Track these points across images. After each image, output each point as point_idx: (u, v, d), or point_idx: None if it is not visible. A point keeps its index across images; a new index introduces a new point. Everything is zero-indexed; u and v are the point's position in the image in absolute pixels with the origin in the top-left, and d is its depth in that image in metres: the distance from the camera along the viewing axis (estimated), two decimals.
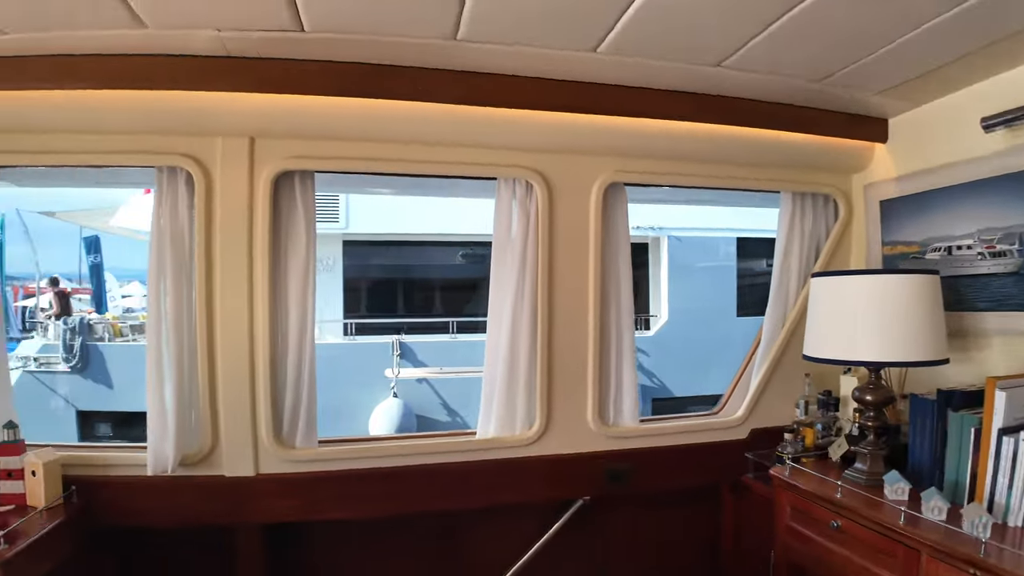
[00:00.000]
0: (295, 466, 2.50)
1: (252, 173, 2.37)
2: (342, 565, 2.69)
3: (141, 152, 2.34)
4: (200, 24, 1.88)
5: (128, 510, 2.40)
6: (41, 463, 2.23)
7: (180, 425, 2.39)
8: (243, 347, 2.42)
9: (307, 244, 2.49)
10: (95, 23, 1.80)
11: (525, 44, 2.04)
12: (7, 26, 1.83)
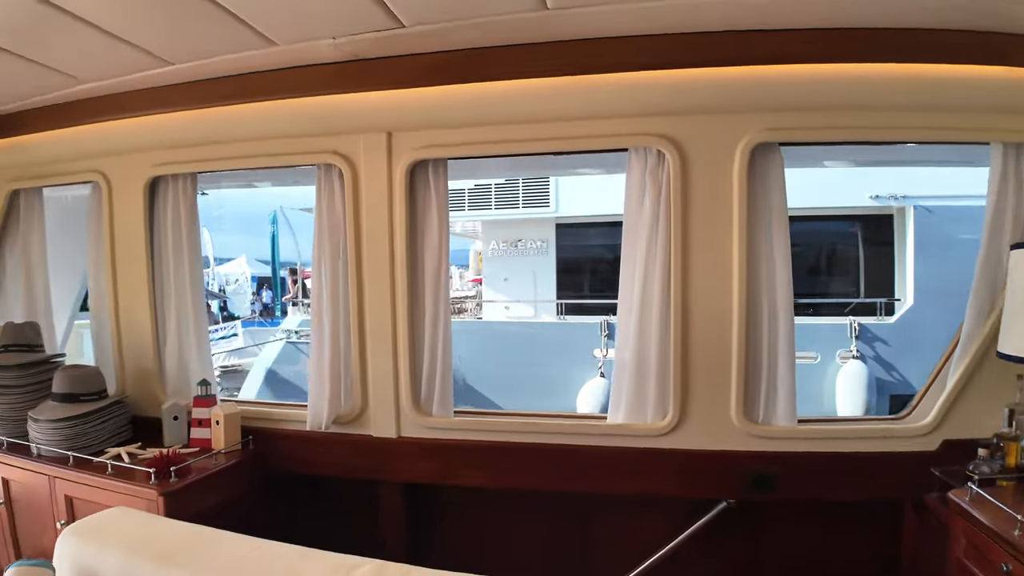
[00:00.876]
0: (432, 432, 2.75)
1: (390, 164, 2.64)
2: (472, 530, 2.86)
3: (303, 153, 2.75)
4: (318, 36, 2.12)
5: (293, 459, 2.86)
6: (223, 414, 2.74)
7: (334, 388, 2.78)
8: (387, 321, 2.72)
9: (439, 226, 2.71)
10: (233, 47, 2.16)
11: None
12: (176, 58, 2.28)
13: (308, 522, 2.86)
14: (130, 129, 2.82)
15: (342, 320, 2.80)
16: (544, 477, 2.66)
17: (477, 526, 2.87)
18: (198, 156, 2.88)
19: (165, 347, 3.11)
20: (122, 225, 3.08)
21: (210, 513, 2.20)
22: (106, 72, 2.49)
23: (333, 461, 2.82)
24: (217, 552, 1.78)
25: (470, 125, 2.58)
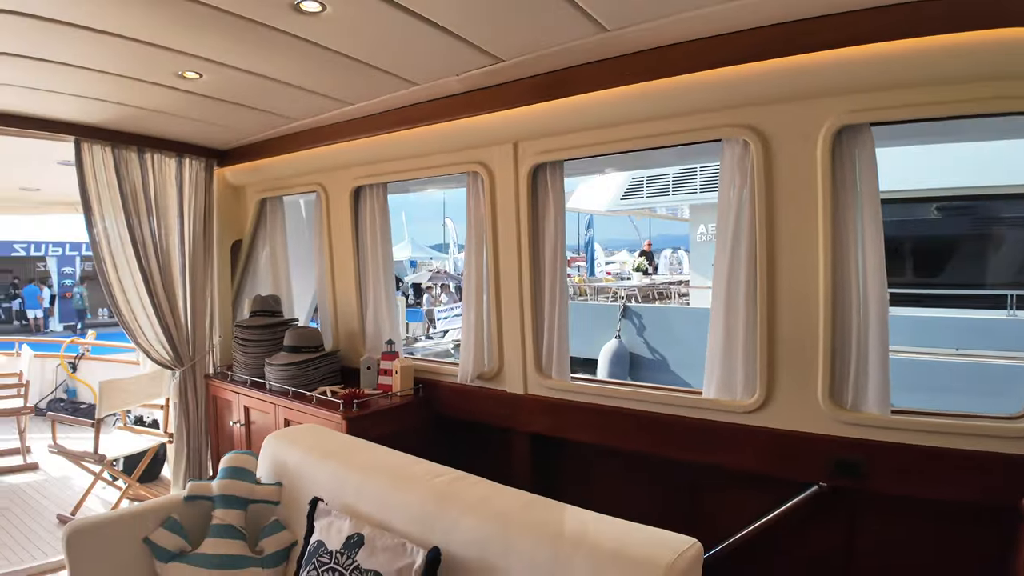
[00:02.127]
0: (551, 392, 3.35)
1: (516, 169, 3.29)
2: (587, 483, 3.41)
3: (457, 164, 3.54)
4: (445, 75, 2.94)
5: (450, 404, 3.73)
6: (400, 366, 3.65)
7: (477, 350, 3.57)
8: (515, 299, 3.38)
9: (556, 218, 3.28)
10: (390, 89, 3.14)
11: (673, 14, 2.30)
12: (352, 97, 3.22)
13: (458, 455, 3.45)
14: (338, 152, 3.91)
15: (485, 297, 3.54)
16: (643, 441, 3.01)
17: (591, 480, 3.40)
18: (385, 170, 3.87)
19: (366, 314, 4.18)
20: (336, 223, 4.21)
21: (385, 438, 2.94)
22: (309, 113, 3.60)
23: (477, 409, 3.61)
24: (365, 454, 2.60)
25: (575, 131, 3.07)
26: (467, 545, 1.99)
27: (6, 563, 3.89)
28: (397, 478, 2.36)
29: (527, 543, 1.90)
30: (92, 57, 2.77)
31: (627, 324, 10.95)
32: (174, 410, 4.54)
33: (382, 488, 2.32)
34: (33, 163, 4.79)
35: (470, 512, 2.07)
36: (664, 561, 1.71)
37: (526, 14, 2.32)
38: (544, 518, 2.00)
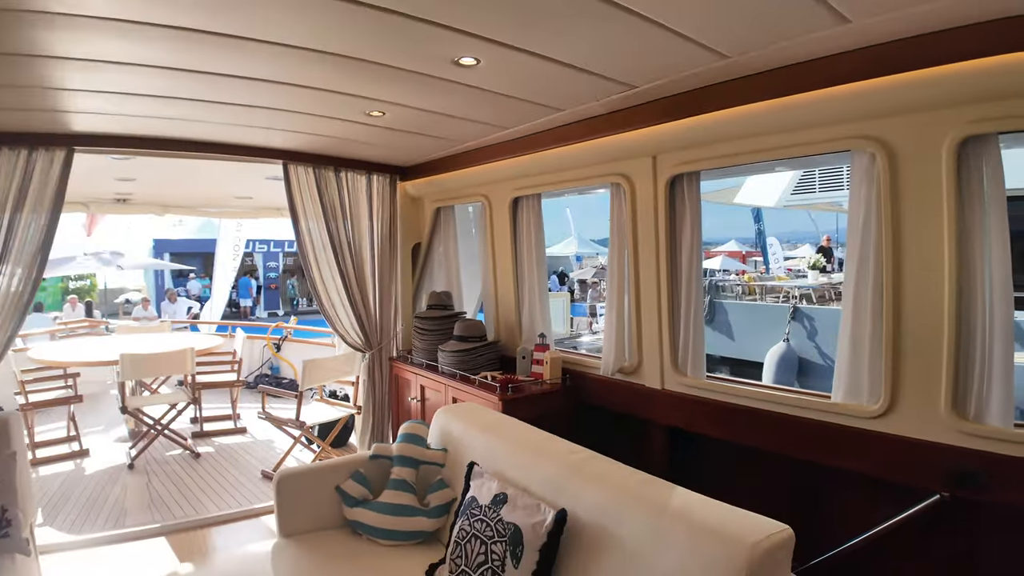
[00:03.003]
0: (686, 388, 3.64)
1: (655, 180, 3.62)
2: (711, 472, 3.61)
3: (604, 175, 3.92)
4: (586, 101, 3.34)
5: (593, 394, 4.15)
6: (549, 357, 4.10)
7: (619, 346, 3.95)
8: (654, 300, 3.72)
9: (692, 225, 3.55)
10: (538, 115, 3.59)
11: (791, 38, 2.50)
12: (508, 123, 3.72)
13: (598, 440, 3.64)
14: (499, 167, 4.49)
15: (626, 298, 3.91)
16: (769, 440, 3.18)
17: (718, 473, 3.57)
18: (539, 182, 4.40)
19: (523, 309, 4.73)
20: (498, 229, 4.81)
21: (534, 419, 3.34)
22: (474, 136, 4.24)
23: (617, 400, 3.99)
24: (513, 430, 3.11)
25: (709, 143, 3.31)
26: (589, 510, 2.37)
27: (219, 508, 4.86)
28: (538, 451, 2.81)
29: (638, 513, 2.23)
30: (299, 103, 3.55)
31: (797, 327, 10.50)
32: (362, 386, 5.42)
33: (525, 458, 2.79)
34: (247, 178, 5.85)
35: (594, 483, 2.46)
36: (752, 539, 1.91)
37: (655, 52, 2.65)
38: (655, 494, 2.31)
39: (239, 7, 2.26)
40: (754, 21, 2.33)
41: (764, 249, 18.42)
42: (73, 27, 2.40)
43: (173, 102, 3.49)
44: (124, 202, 7.20)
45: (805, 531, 2.04)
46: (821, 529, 2.77)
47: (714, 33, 2.44)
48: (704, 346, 3.65)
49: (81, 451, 6.14)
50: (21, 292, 4.07)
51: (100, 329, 10.53)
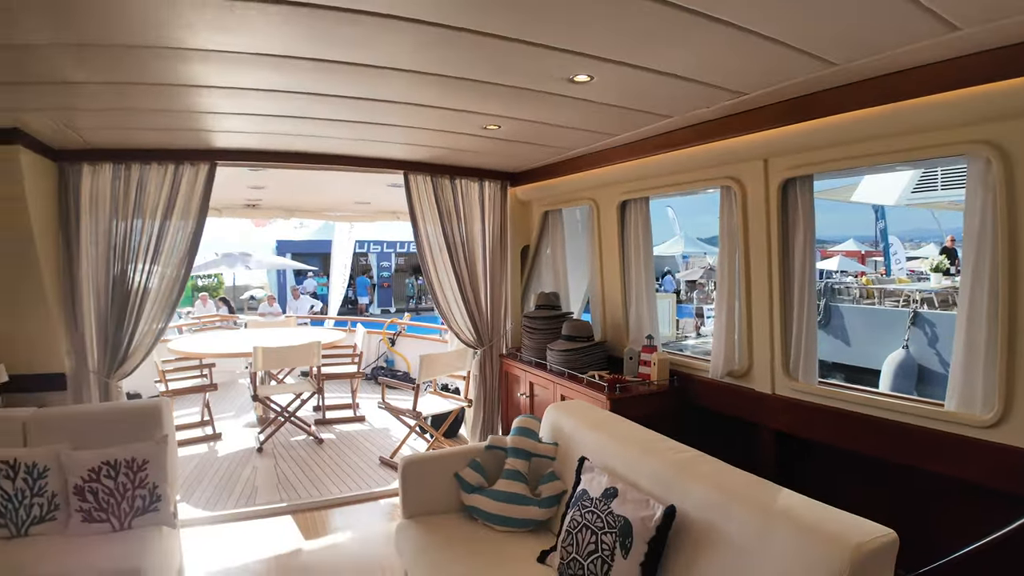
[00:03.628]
0: (796, 394, 3.65)
1: (767, 183, 3.65)
2: (819, 475, 3.60)
3: (711, 180, 4.01)
4: (696, 107, 3.41)
5: (701, 396, 4.21)
6: (657, 359, 4.20)
7: (728, 350, 3.99)
8: (765, 304, 3.75)
9: (805, 228, 3.56)
10: (640, 125, 3.70)
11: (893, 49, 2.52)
12: (617, 131, 3.80)
13: (704, 441, 3.65)
14: (607, 172, 4.61)
15: (736, 301, 3.94)
16: (878, 447, 3.16)
17: (826, 477, 3.56)
18: (647, 185, 4.51)
19: (630, 311, 4.83)
20: (605, 232, 4.95)
21: (640, 419, 3.45)
22: (582, 144, 4.37)
23: (725, 403, 4.04)
24: (622, 428, 3.25)
25: (821, 147, 3.31)
26: (696, 507, 2.48)
27: (341, 490, 5.22)
28: (647, 449, 2.93)
29: (744, 512, 2.32)
30: (421, 120, 3.83)
31: (917, 333, 9.98)
32: (474, 381, 5.70)
33: (634, 455, 2.92)
34: (368, 185, 6.25)
35: (701, 482, 2.55)
36: (854, 541, 1.96)
37: (762, 62, 2.71)
38: (762, 494, 2.39)
39: (375, 44, 2.55)
40: (860, 32, 2.37)
41: (886, 249, 17.40)
42: (225, 61, 2.74)
43: (307, 122, 3.86)
44: (253, 207, 7.81)
45: (910, 537, 2.05)
46: (926, 536, 2.72)
47: (820, 43, 2.48)
48: (817, 351, 3.64)
49: (214, 435, 6.75)
50: (171, 290, 4.61)
51: (230, 324, 11.41)
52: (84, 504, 3.25)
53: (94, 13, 2.17)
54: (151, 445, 3.47)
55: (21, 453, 3.33)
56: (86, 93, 3.13)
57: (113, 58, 2.64)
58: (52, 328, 4.30)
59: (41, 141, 4.04)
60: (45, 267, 4.16)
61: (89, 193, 4.40)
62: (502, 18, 2.28)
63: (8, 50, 2.47)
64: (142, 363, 4.64)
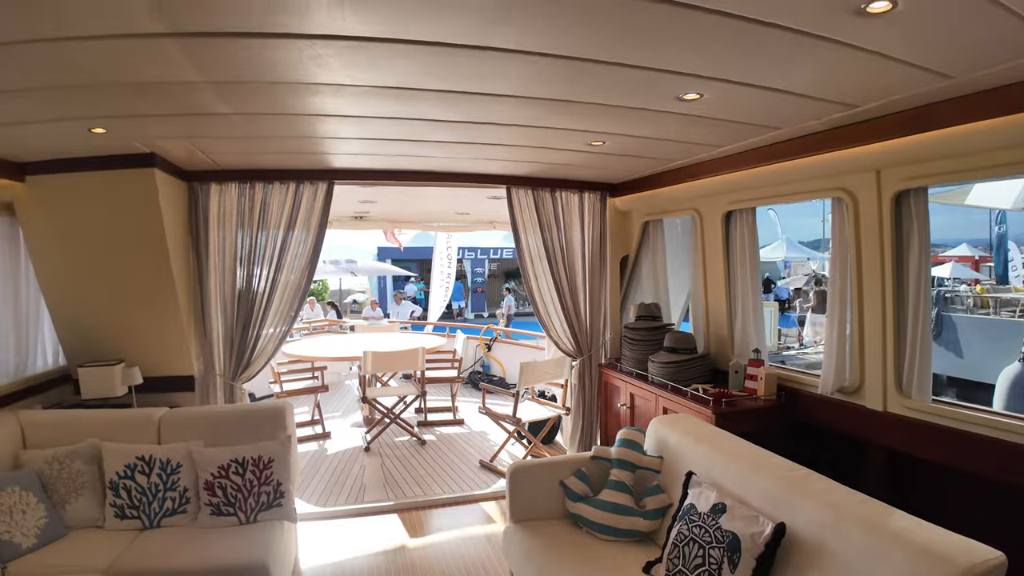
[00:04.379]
0: (909, 412, 3.54)
1: (879, 195, 3.56)
2: (930, 496, 3.45)
3: (820, 191, 3.94)
4: (807, 119, 3.36)
5: (809, 412, 4.13)
6: (764, 373, 4.20)
7: (839, 365, 3.91)
8: (878, 319, 3.65)
9: (920, 242, 3.44)
10: (748, 135, 3.70)
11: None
12: (724, 143, 3.78)
13: (811, 458, 3.62)
14: (710, 183, 4.59)
15: (848, 315, 3.85)
16: (993, 468, 3.05)
17: (937, 498, 3.42)
18: (753, 196, 4.45)
19: (735, 323, 4.78)
20: (709, 242, 4.91)
21: (746, 434, 3.46)
22: (685, 156, 4.38)
23: (834, 419, 3.94)
24: (730, 444, 3.25)
25: (937, 159, 3.21)
26: (806, 525, 2.47)
27: (443, 491, 5.41)
28: (756, 465, 2.93)
29: (855, 531, 2.30)
30: (527, 139, 3.99)
31: None
32: (572, 390, 5.76)
33: (742, 471, 2.92)
34: (470, 197, 6.41)
35: (812, 500, 2.54)
36: (964, 563, 1.95)
37: (874, 76, 2.66)
38: (872, 513, 2.36)
39: (493, 75, 2.70)
40: (978, 46, 2.30)
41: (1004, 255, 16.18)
42: (352, 94, 2.97)
43: (420, 144, 4.09)
44: (361, 219, 8.17)
45: (1020, 561, 2.02)
46: None
47: (936, 57, 2.43)
48: (931, 369, 3.51)
49: (324, 434, 7.15)
50: (292, 299, 4.96)
51: (337, 328, 11.94)
52: (213, 498, 3.55)
53: (243, 57, 2.41)
54: (276, 444, 3.73)
55: (156, 450, 3.67)
56: (226, 123, 3.43)
57: (255, 93, 2.91)
58: (183, 335, 4.71)
59: (174, 164, 4.45)
60: (178, 279, 4.55)
61: (217, 210, 4.80)
62: (616, 48, 2.37)
63: (169, 87, 2.76)
64: (264, 367, 4.98)
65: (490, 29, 2.19)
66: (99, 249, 4.35)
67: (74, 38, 2.15)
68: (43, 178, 4.10)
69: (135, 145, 3.87)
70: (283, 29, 2.14)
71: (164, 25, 2.07)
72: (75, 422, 3.82)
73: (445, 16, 2.08)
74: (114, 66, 2.46)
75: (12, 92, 2.69)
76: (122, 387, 4.41)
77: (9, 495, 3.22)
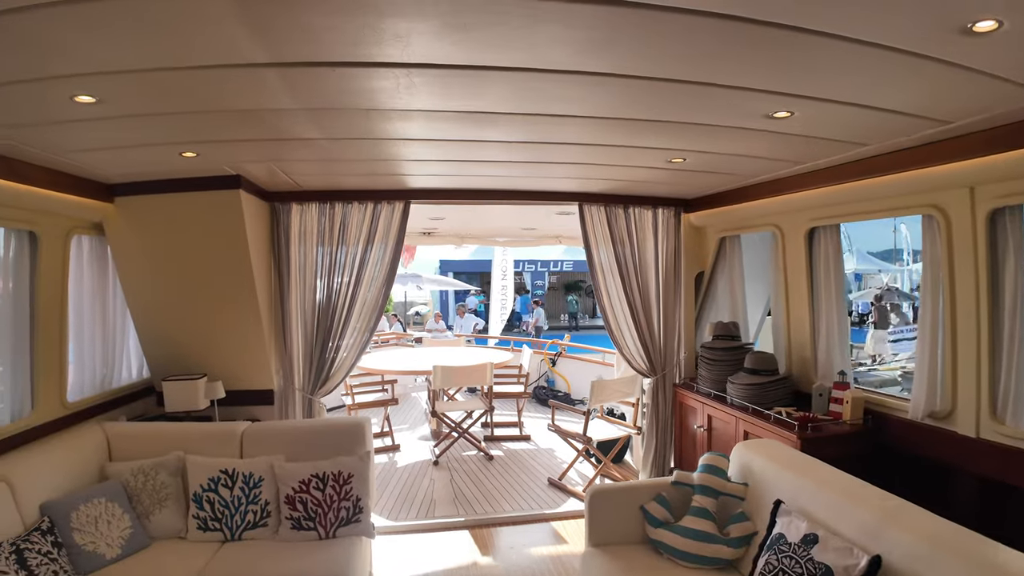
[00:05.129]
0: (1005, 439, 3.37)
1: (973, 212, 3.42)
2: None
3: (909, 207, 3.81)
4: (897, 136, 3.26)
5: (898, 438, 3.96)
6: (851, 396, 4.07)
7: (930, 390, 3.76)
8: (972, 343, 3.49)
9: (1016, 261, 3.29)
10: (831, 152, 3.67)
11: None
12: (808, 159, 3.73)
13: (900, 485, 3.49)
14: (794, 199, 4.49)
15: (940, 337, 3.70)
16: None
17: None
18: (838, 212, 4.31)
19: (818, 343, 4.66)
20: (791, 259, 4.80)
21: (832, 460, 3.38)
22: (766, 171, 4.30)
23: (925, 445, 3.78)
24: (819, 471, 3.16)
25: None
26: (902, 558, 2.39)
27: (512, 508, 5.42)
28: (848, 494, 2.85)
29: (954, 566, 2.22)
30: (605, 158, 3.97)
31: None
32: (645, 409, 5.69)
33: (834, 500, 2.84)
34: (538, 213, 6.45)
35: (908, 532, 2.45)
36: None
37: (970, 93, 2.57)
38: (972, 547, 2.28)
39: (580, 98, 2.72)
40: None
41: None
42: (440, 119, 3.05)
43: (495, 164, 4.16)
44: (429, 235, 8.31)
45: None
46: None
47: None
48: None
49: (394, 446, 7.27)
50: (370, 315, 5.10)
51: (405, 341, 12.12)
52: (294, 513, 3.64)
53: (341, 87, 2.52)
54: (355, 460, 3.80)
55: (239, 463, 3.79)
56: (313, 147, 3.56)
57: (346, 119, 3.02)
58: (264, 350, 4.88)
59: (257, 185, 4.63)
60: (260, 296, 4.72)
61: (298, 229, 4.99)
62: (710, 68, 2.36)
63: (263, 114, 2.89)
64: (342, 382, 5.10)
65: (589, 53, 2.22)
66: (184, 267, 4.55)
67: (185, 68, 2.26)
68: (131, 199, 4.31)
69: (222, 168, 4.05)
70: (384, 59, 2.22)
71: (268, 55, 2.16)
72: (160, 435, 3.98)
73: (548, 44, 2.12)
74: (216, 94, 2.59)
75: (117, 118, 2.84)
76: (204, 400, 4.59)
77: (95, 506, 3.37)
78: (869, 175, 3.76)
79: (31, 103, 2.57)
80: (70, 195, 3.90)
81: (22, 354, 3.74)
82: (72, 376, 4.25)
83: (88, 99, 2.52)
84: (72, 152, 3.42)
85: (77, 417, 4.16)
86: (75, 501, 3.31)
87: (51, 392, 3.93)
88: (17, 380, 3.73)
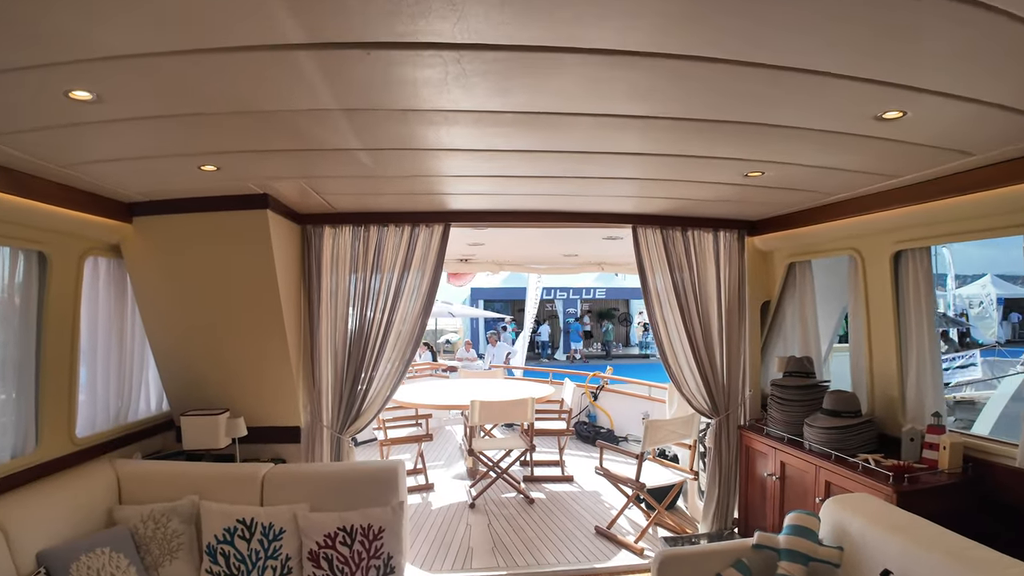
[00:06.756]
0: None
1: None
2: None
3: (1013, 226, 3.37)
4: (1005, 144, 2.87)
5: (1003, 488, 3.45)
6: (950, 442, 3.61)
7: None
8: None
9: None
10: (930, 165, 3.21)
11: None
12: (901, 172, 3.42)
13: (1010, 545, 3.13)
14: (875, 219, 4.04)
15: None
16: None
17: None
18: (929, 233, 3.85)
19: (907, 381, 4.16)
20: (873, 286, 4.32)
21: (932, 516, 3.00)
22: (849, 188, 3.88)
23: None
24: (925, 531, 2.72)
25: None
26: None
27: (556, 560, 5.00)
28: (971, 565, 2.41)
29: None
30: (667, 171, 3.60)
31: None
32: (708, 454, 5.23)
33: (954, 570, 2.41)
34: (583, 238, 6.10)
35: None
36: None
37: None
38: None
39: (654, 90, 2.32)
40: None
41: None
42: (491, 123, 2.70)
43: (542, 181, 3.82)
44: (466, 261, 8.02)
45: None
46: None
47: None
48: None
49: (428, 485, 6.89)
50: (405, 348, 4.77)
51: (439, 371, 11.81)
52: (318, 571, 3.32)
53: (380, 78, 2.19)
54: (387, 511, 3.47)
55: (258, 512, 3.47)
56: (348, 159, 3.25)
57: (386, 123, 2.68)
58: (292, 384, 4.57)
59: (287, 206, 4.36)
60: (288, 326, 4.42)
61: (330, 253, 4.71)
62: (819, 51, 1.96)
63: (290, 116, 2.57)
64: (372, 420, 4.77)
65: (672, 29, 1.83)
66: (207, 293, 4.29)
67: (192, 51, 1.91)
68: (151, 219, 4.08)
69: (248, 186, 3.78)
70: (431, 38, 1.85)
71: (304, 32, 1.81)
72: (174, 476, 3.72)
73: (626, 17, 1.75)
74: (231, 87, 2.23)
75: (121, 121, 2.53)
76: (225, 439, 4.29)
77: (98, 556, 3.07)
78: (966, 191, 3.33)
79: (22, 101, 2.26)
80: (86, 214, 3.65)
81: (27, 384, 3.45)
82: (83, 410, 3.97)
83: (85, 95, 2.20)
84: (80, 164, 3.13)
85: (87, 454, 3.86)
86: (76, 550, 3.01)
87: (58, 426, 3.64)
88: (20, 413, 3.43)
